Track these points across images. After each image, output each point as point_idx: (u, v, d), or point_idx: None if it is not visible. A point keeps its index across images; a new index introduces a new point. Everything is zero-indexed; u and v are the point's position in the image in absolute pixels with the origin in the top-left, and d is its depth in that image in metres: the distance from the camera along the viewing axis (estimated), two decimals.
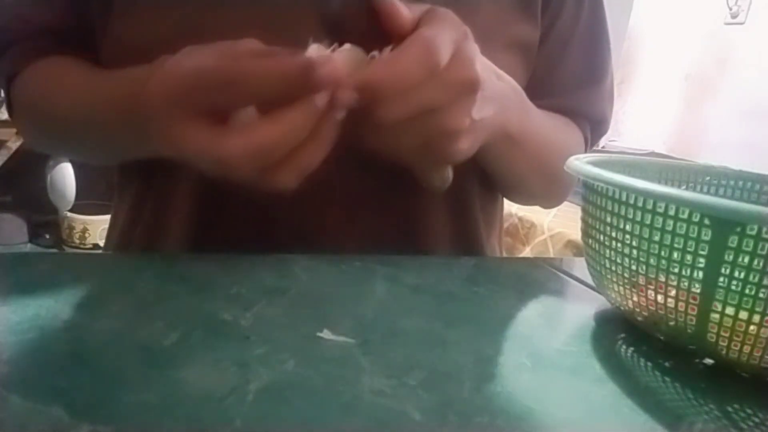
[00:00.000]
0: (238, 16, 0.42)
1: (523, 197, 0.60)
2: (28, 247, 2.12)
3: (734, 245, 0.27)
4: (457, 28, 0.34)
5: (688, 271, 0.28)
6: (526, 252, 1.57)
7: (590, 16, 0.56)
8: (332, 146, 0.42)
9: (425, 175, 0.40)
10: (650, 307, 0.31)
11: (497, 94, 0.39)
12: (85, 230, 2.09)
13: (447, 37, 0.32)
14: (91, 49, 0.48)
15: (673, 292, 0.29)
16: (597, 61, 0.58)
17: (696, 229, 0.28)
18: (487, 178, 0.51)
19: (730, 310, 0.27)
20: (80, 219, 2.09)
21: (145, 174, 0.50)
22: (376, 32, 0.33)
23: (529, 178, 0.52)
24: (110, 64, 0.46)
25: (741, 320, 0.27)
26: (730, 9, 1.96)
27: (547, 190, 0.57)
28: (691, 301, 0.29)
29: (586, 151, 0.59)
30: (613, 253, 0.32)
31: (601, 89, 0.58)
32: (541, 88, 0.51)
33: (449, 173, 0.39)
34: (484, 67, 0.36)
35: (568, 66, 0.56)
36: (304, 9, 0.42)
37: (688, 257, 0.28)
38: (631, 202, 0.30)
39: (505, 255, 0.61)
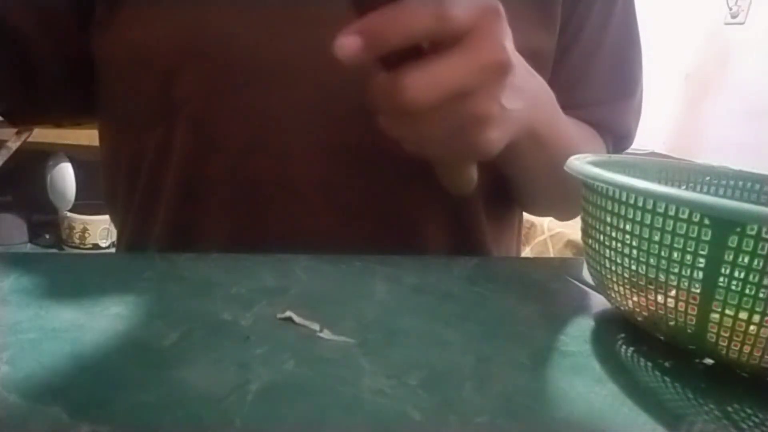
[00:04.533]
0: (248, 16, 0.42)
1: (540, 207, 0.57)
2: (28, 247, 2.12)
3: (734, 245, 0.27)
4: (487, 3, 0.32)
5: (688, 271, 0.28)
6: (526, 252, 1.57)
7: (621, 26, 0.54)
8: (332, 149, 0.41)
9: (450, 175, 0.38)
10: (650, 307, 0.31)
11: (529, 88, 0.38)
12: (85, 230, 2.09)
13: None
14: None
15: (673, 292, 0.29)
16: (626, 74, 0.55)
17: (696, 229, 0.28)
18: (495, 183, 0.49)
19: (730, 310, 0.27)
20: (80, 219, 2.09)
21: (131, 179, 0.49)
22: None
23: (549, 187, 0.50)
24: (106, 55, 0.46)
25: (741, 320, 0.27)
26: (730, 9, 1.96)
27: (565, 201, 0.54)
28: (691, 301, 0.29)
29: None
30: (613, 253, 0.32)
31: (629, 104, 0.55)
32: (565, 100, 0.48)
33: (475, 173, 0.38)
34: (516, 56, 0.34)
35: (595, 78, 0.53)
36: (310, 8, 0.41)
37: (688, 257, 0.28)
38: (631, 202, 0.30)
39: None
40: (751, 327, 0.27)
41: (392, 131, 0.34)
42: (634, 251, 0.30)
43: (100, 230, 2.09)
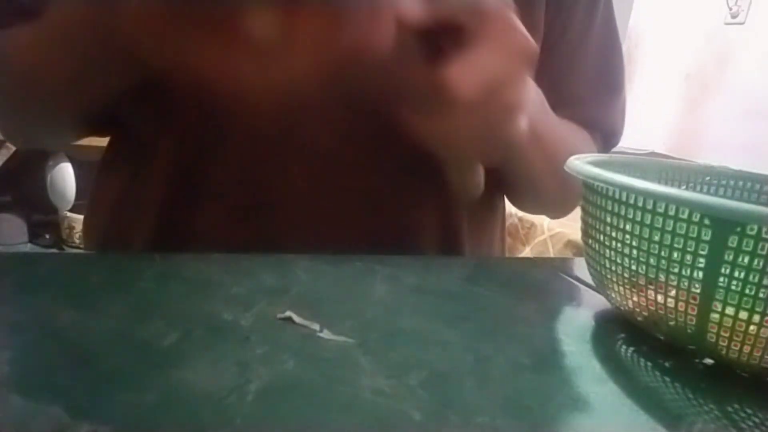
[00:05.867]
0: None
1: (535, 203, 0.58)
2: (28, 247, 2.12)
3: (734, 245, 0.27)
4: None
5: (688, 271, 0.28)
6: (526, 252, 1.57)
7: (602, 32, 0.55)
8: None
9: (462, 177, 0.38)
10: (650, 307, 0.31)
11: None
12: None
13: None
14: None
15: (673, 292, 0.29)
16: (611, 71, 0.56)
17: (696, 229, 0.28)
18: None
19: (730, 310, 0.27)
20: (80, 219, 2.08)
21: (115, 176, 0.49)
22: None
23: (544, 182, 0.51)
24: None
25: (741, 320, 0.27)
26: (730, 9, 1.96)
27: (559, 197, 0.55)
28: (691, 301, 0.29)
29: None
30: (613, 253, 0.32)
31: (615, 101, 0.57)
32: (552, 99, 0.48)
33: (482, 175, 0.38)
34: None
35: (581, 75, 0.54)
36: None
37: (688, 257, 0.28)
38: (631, 202, 0.30)
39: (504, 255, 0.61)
40: (751, 327, 0.27)
41: (423, 128, 0.34)
42: (634, 251, 0.30)
43: None
